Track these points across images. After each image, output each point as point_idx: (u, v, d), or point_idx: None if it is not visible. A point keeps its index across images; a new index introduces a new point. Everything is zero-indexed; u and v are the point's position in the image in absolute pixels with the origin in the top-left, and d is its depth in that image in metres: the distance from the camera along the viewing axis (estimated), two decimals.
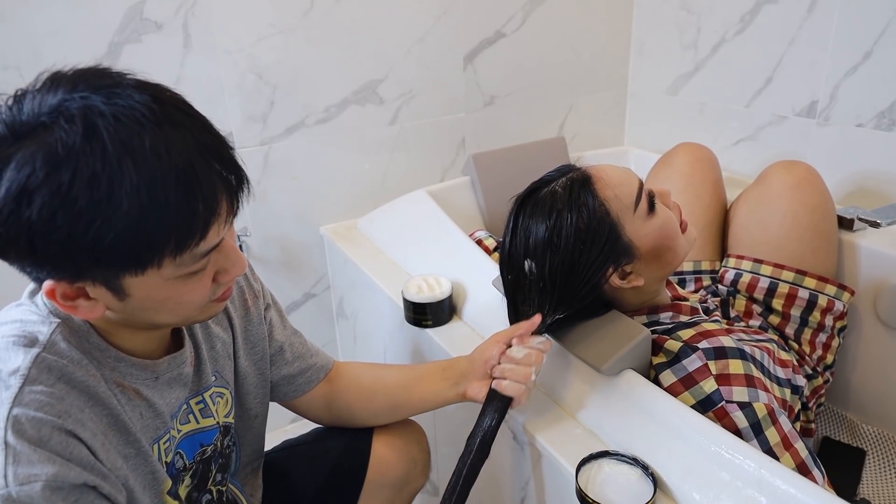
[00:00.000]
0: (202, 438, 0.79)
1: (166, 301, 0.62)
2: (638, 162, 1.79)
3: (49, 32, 1.16)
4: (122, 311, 0.63)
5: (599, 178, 0.84)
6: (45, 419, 0.57)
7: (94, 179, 0.52)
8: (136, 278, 0.59)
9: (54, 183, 0.52)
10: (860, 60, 1.32)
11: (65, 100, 0.54)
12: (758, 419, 0.77)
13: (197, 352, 0.78)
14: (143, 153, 0.54)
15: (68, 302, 0.60)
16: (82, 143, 0.52)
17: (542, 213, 0.83)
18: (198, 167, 0.56)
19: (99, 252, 0.55)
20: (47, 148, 0.52)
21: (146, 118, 0.55)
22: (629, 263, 0.85)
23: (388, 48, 1.49)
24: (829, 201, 1.16)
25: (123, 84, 0.56)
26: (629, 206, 0.84)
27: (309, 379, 0.93)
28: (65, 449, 0.57)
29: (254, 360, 0.87)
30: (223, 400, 0.82)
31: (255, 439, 0.91)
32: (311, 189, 1.51)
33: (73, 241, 0.54)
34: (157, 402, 0.70)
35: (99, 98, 0.54)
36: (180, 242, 0.57)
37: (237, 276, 0.67)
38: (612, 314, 0.89)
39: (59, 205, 0.52)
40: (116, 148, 0.53)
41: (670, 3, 1.68)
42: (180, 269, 0.60)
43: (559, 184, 0.85)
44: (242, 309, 0.85)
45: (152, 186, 0.54)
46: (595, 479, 0.75)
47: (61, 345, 0.62)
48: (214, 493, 0.82)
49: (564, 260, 0.81)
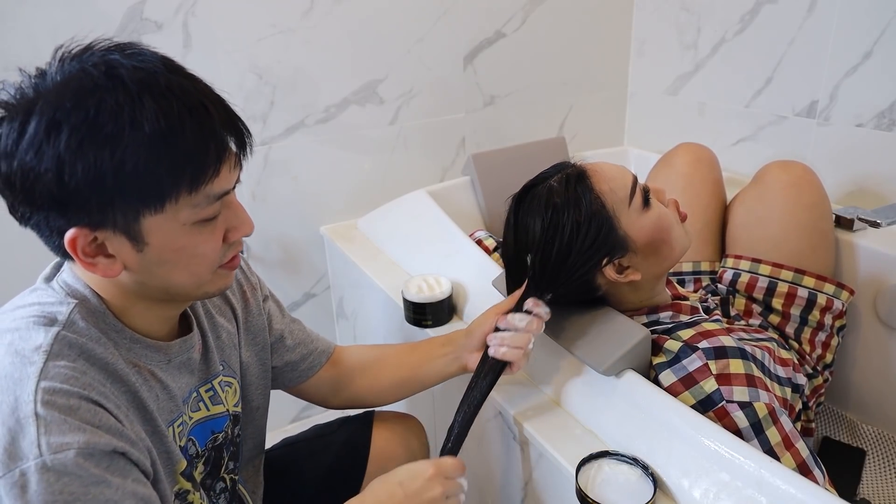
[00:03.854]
0: (213, 426, 0.80)
1: (182, 251, 0.64)
2: (638, 162, 1.79)
3: (49, 32, 1.16)
4: (139, 269, 0.64)
5: (595, 172, 0.86)
6: (72, 390, 0.58)
7: (117, 108, 0.57)
8: (155, 219, 0.61)
9: (81, 112, 0.57)
10: (860, 60, 1.32)
11: (86, 58, 0.60)
12: (758, 419, 0.77)
13: (204, 340, 0.79)
14: (159, 89, 0.59)
15: (88, 259, 0.62)
16: (105, 80, 0.58)
17: (538, 208, 0.84)
18: (209, 108, 0.62)
19: (123, 179, 0.58)
20: (73, 87, 0.58)
21: (159, 69, 0.60)
22: (625, 256, 0.86)
23: (388, 48, 1.49)
24: (827, 200, 1.16)
25: (135, 47, 0.63)
26: (624, 199, 0.85)
27: (312, 364, 0.95)
28: (94, 417, 0.59)
29: (255, 351, 0.88)
30: (231, 389, 0.83)
31: (257, 432, 0.92)
32: (311, 189, 1.51)
33: (98, 168, 0.57)
34: (171, 385, 0.72)
35: (117, 55, 0.60)
36: (196, 174, 0.61)
37: (246, 234, 0.70)
38: (612, 314, 0.89)
39: (87, 132, 0.56)
40: (135, 85, 0.58)
41: (670, 3, 1.68)
42: (195, 212, 0.63)
43: (555, 179, 0.86)
44: (242, 301, 0.87)
45: (169, 116, 0.58)
46: (595, 479, 0.75)
47: (80, 323, 0.64)
48: (228, 481, 0.83)
49: (560, 251, 0.83)
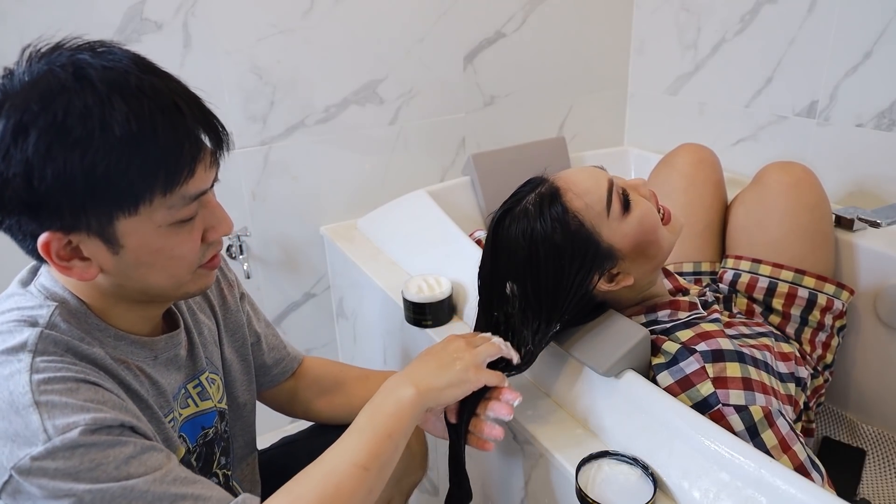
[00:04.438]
0: (203, 421, 0.80)
1: (159, 253, 0.63)
2: (638, 162, 1.79)
3: (49, 32, 1.15)
4: (116, 271, 0.63)
5: (567, 189, 0.83)
6: (67, 375, 0.58)
7: (86, 111, 0.55)
8: (129, 221, 0.60)
9: (49, 116, 0.55)
10: (860, 60, 1.32)
11: (54, 58, 0.58)
12: (754, 422, 0.77)
13: (189, 336, 0.79)
14: (129, 90, 0.57)
15: (63, 262, 0.61)
16: (73, 82, 0.56)
17: (517, 234, 0.82)
18: (182, 107, 0.60)
19: (93, 183, 0.56)
20: (40, 88, 0.56)
21: (130, 68, 0.59)
22: (614, 266, 0.85)
23: (388, 48, 1.49)
24: (826, 201, 1.16)
25: (106, 45, 0.61)
26: (601, 212, 0.82)
27: (284, 370, 0.96)
28: (95, 395, 0.59)
29: (236, 348, 0.89)
30: (216, 385, 0.83)
31: (246, 429, 0.92)
32: (311, 189, 1.51)
33: (68, 172, 0.56)
34: (160, 381, 0.71)
35: (86, 54, 0.59)
36: (170, 176, 0.60)
37: (224, 234, 0.69)
38: (610, 315, 0.89)
39: (55, 136, 0.55)
40: (105, 86, 0.56)
41: (670, 3, 1.68)
42: (171, 213, 0.62)
43: (529, 201, 0.84)
44: (220, 298, 0.87)
45: (140, 117, 0.57)
46: (595, 479, 0.75)
47: (62, 325, 0.63)
48: (221, 476, 0.84)
49: (548, 278, 0.81)
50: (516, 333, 0.83)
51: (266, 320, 0.97)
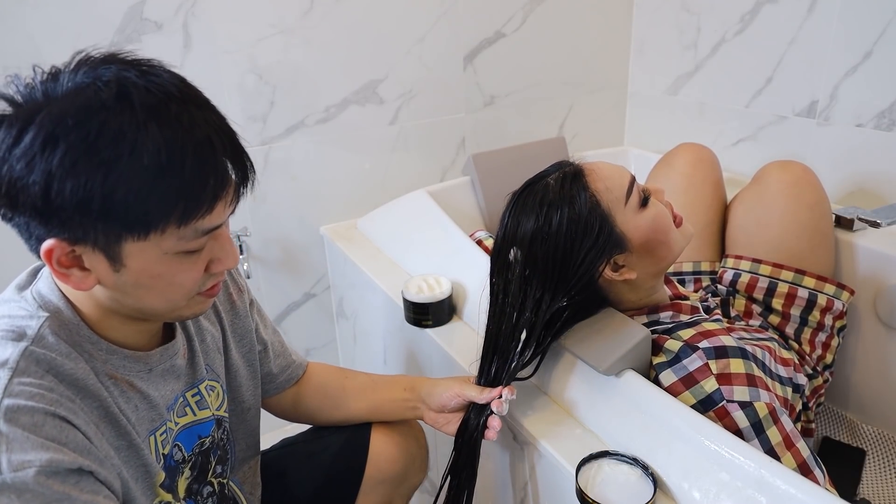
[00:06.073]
0: (200, 430, 0.79)
1: (159, 279, 0.63)
2: (638, 162, 1.79)
3: (49, 32, 1.16)
4: (114, 287, 0.63)
5: (591, 171, 0.86)
6: (38, 406, 0.57)
7: (119, 134, 0.55)
8: (137, 244, 0.60)
9: (82, 131, 0.55)
10: (860, 60, 1.32)
11: (101, 71, 0.58)
12: (759, 419, 0.77)
13: (190, 344, 0.78)
14: (167, 119, 0.57)
15: (62, 269, 0.60)
16: (114, 101, 0.56)
17: (532, 205, 0.84)
18: (216, 144, 0.60)
19: (110, 205, 0.56)
20: (80, 101, 0.56)
21: (174, 94, 0.58)
22: (621, 255, 0.85)
23: (388, 48, 1.49)
24: (826, 200, 1.16)
25: (154, 65, 0.61)
26: (620, 198, 0.84)
27: (289, 377, 0.96)
28: (60, 433, 0.58)
29: (243, 353, 0.88)
30: (215, 392, 0.83)
31: (250, 433, 0.92)
32: (311, 189, 1.51)
33: (87, 191, 0.55)
34: (152, 394, 0.70)
35: (133, 72, 0.58)
36: (188, 210, 0.59)
37: (229, 267, 0.68)
38: (612, 314, 0.89)
39: (83, 153, 0.55)
40: (144, 111, 0.56)
41: (670, 3, 1.68)
42: (180, 244, 0.61)
43: (553, 177, 0.86)
44: (228, 303, 0.87)
45: (172, 150, 0.57)
46: (595, 479, 0.75)
47: (50, 338, 0.62)
48: (216, 484, 0.83)
49: (556, 251, 0.82)
50: (513, 299, 0.85)
51: (273, 327, 0.96)
